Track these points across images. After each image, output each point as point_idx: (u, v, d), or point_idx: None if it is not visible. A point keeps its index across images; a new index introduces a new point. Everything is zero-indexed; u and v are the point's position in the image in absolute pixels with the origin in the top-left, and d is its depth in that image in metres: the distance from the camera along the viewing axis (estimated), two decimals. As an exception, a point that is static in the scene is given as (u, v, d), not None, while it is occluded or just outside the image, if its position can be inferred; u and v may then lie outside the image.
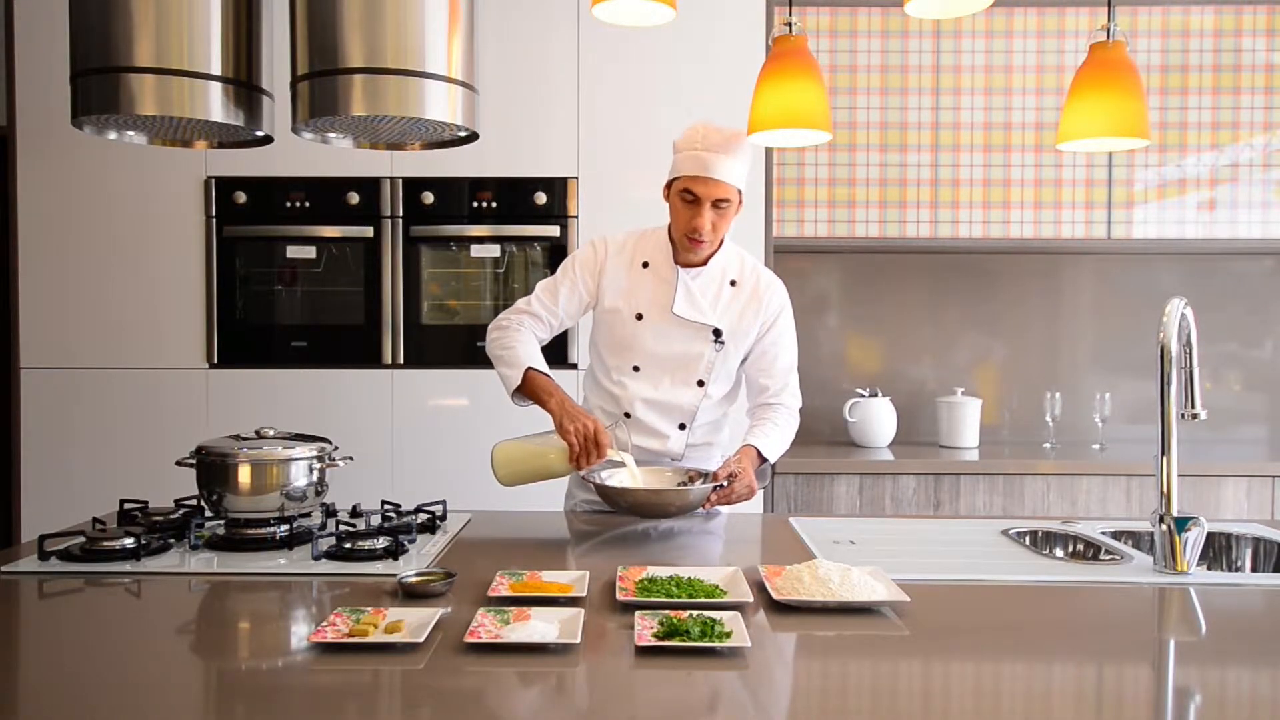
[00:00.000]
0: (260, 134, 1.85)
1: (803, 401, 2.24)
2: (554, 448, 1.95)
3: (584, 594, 1.45)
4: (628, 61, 3.14)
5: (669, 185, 2.11)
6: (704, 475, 1.99)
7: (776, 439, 2.14)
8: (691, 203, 2.05)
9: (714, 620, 1.27)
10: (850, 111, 3.38)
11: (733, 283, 2.16)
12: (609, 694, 1.12)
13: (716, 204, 2.04)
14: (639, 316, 2.13)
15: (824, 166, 3.40)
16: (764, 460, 2.09)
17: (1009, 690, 1.18)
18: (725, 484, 1.94)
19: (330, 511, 1.99)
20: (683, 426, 2.16)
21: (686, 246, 2.10)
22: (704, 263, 2.15)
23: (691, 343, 2.13)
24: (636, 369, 2.15)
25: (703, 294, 2.14)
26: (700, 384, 2.14)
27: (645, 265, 2.16)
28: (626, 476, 1.99)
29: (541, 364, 2.09)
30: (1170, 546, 1.63)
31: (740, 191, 2.07)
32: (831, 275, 3.70)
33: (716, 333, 2.12)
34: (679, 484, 2.00)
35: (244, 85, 1.77)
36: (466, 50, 1.76)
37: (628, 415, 2.16)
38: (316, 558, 1.66)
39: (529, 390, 2.05)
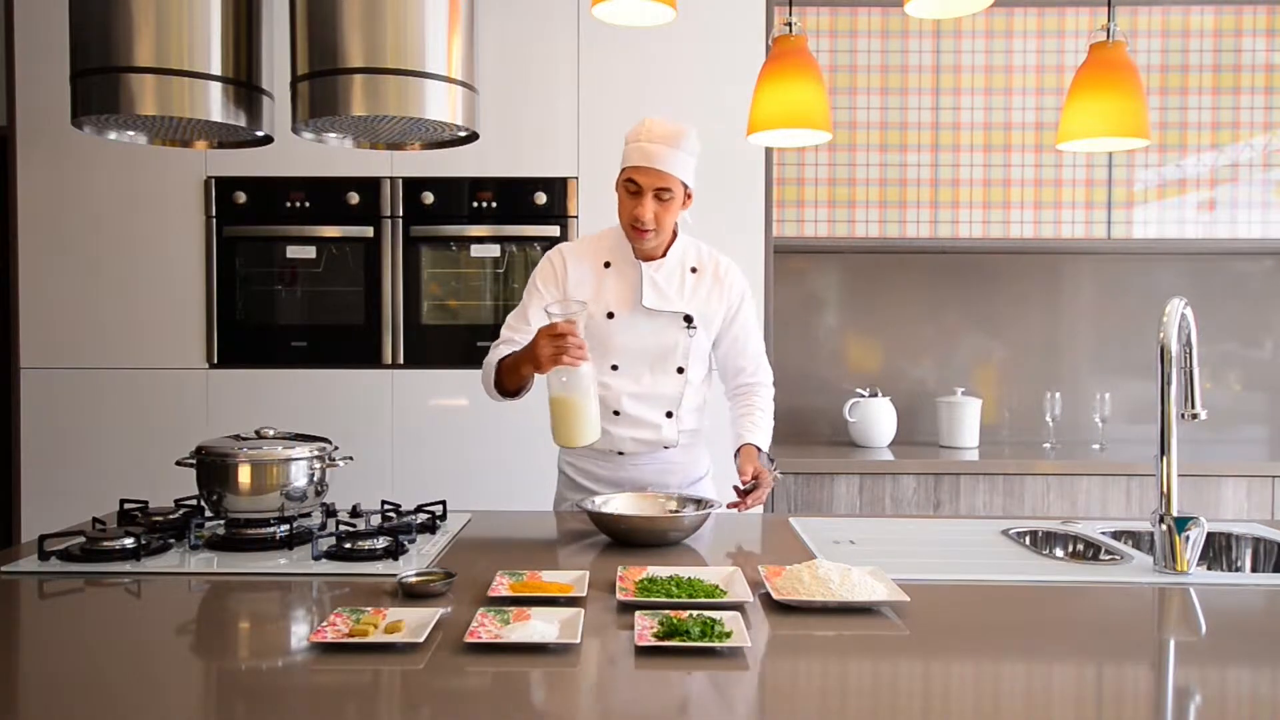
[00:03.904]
0: (260, 134, 1.85)
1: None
2: (555, 382, 1.93)
3: (584, 594, 1.45)
4: (628, 61, 3.14)
5: (618, 179, 2.14)
6: (697, 501, 1.99)
7: (766, 428, 2.22)
8: (635, 193, 2.08)
9: (714, 620, 1.27)
10: (850, 111, 3.38)
11: (693, 270, 2.21)
12: (609, 694, 1.12)
13: (658, 194, 2.07)
14: (610, 315, 2.16)
15: (824, 166, 3.40)
16: (760, 452, 2.14)
17: (1009, 690, 1.18)
18: (742, 492, 2.01)
19: (330, 511, 1.99)
20: (670, 414, 2.19)
21: (632, 237, 2.13)
22: (663, 255, 2.19)
23: (665, 332, 2.17)
24: (615, 367, 2.17)
25: (667, 284, 2.18)
26: (680, 370, 2.18)
27: (607, 265, 2.19)
28: (620, 505, 1.99)
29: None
30: (1170, 546, 1.63)
31: (685, 185, 2.10)
32: (831, 275, 3.70)
33: (688, 319, 2.17)
34: (669, 511, 1.99)
35: (244, 85, 1.77)
36: (466, 50, 1.76)
37: (617, 413, 2.17)
38: (316, 558, 1.66)
39: (506, 377, 2.06)
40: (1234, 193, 3.36)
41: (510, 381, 2.05)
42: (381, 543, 1.69)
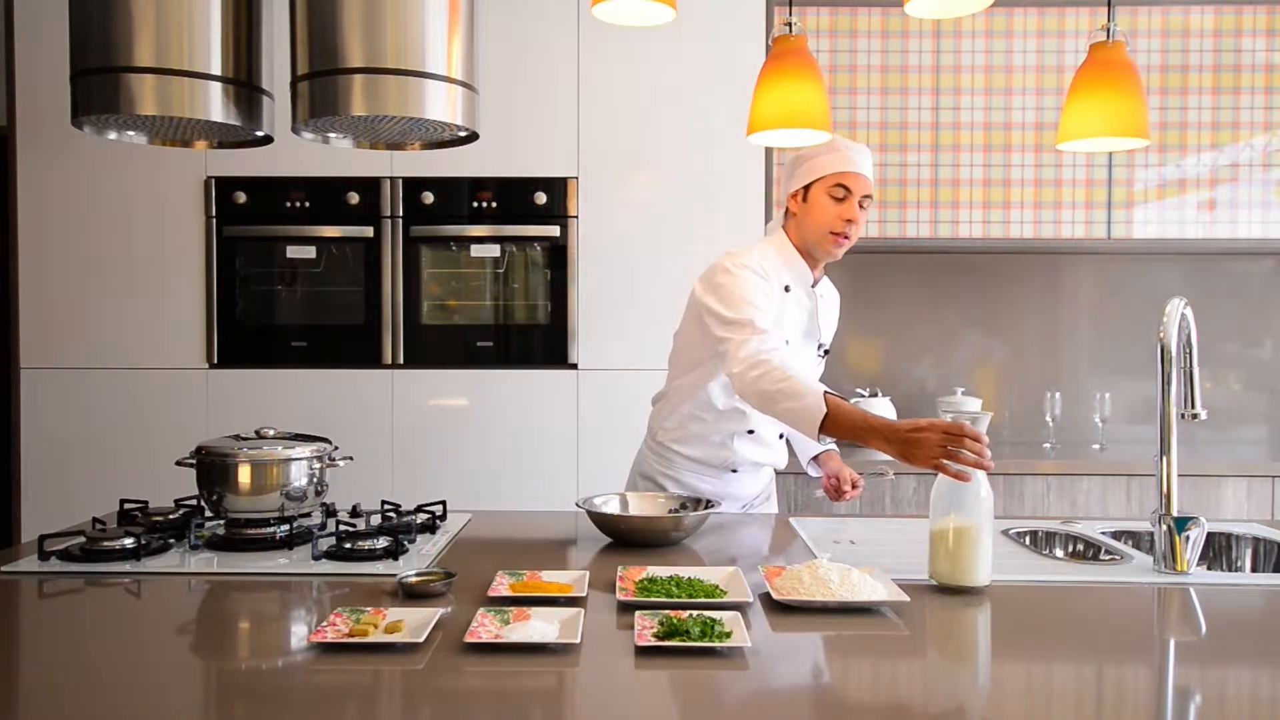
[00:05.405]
0: (260, 134, 1.85)
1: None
2: (946, 503, 1.62)
3: (584, 594, 1.45)
4: (628, 61, 3.14)
5: (804, 190, 2.10)
6: (697, 501, 1.99)
7: None
8: (842, 199, 2.08)
9: (714, 620, 1.27)
10: (850, 111, 3.38)
11: (821, 296, 2.24)
12: (609, 694, 1.12)
13: (861, 202, 2.09)
14: (786, 343, 2.09)
15: (824, 166, 3.39)
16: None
17: (1009, 690, 1.18)
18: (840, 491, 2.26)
19: (330, 511, 1.99)
20: (781, 436, 2.25)
21: (828, 245, 2.10)
22: (814, 283, 2.21)
23: (810, 360, 2.22)
24: None
25: (821, 313, 2.22)
26: None
27: (786, 289, 2.14)
28: (620, 505, 1.99)
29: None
30: (1170, 546, 1.63)
31: None
32: (831, 275, 3.68)
33: (821, 347, 2.23)
34: (670, 511, 2.00)
35: (244, 85, 1.77)
36: (466, 50, 1.76)
37: (751, 432, 2.17)
38: (316, 558, 1.66)
39: (836, 422, 1.79)
40: (1234, 193, 3.36)
41: (840, 432, 1.81)
42: (381, 543, 1.69)
